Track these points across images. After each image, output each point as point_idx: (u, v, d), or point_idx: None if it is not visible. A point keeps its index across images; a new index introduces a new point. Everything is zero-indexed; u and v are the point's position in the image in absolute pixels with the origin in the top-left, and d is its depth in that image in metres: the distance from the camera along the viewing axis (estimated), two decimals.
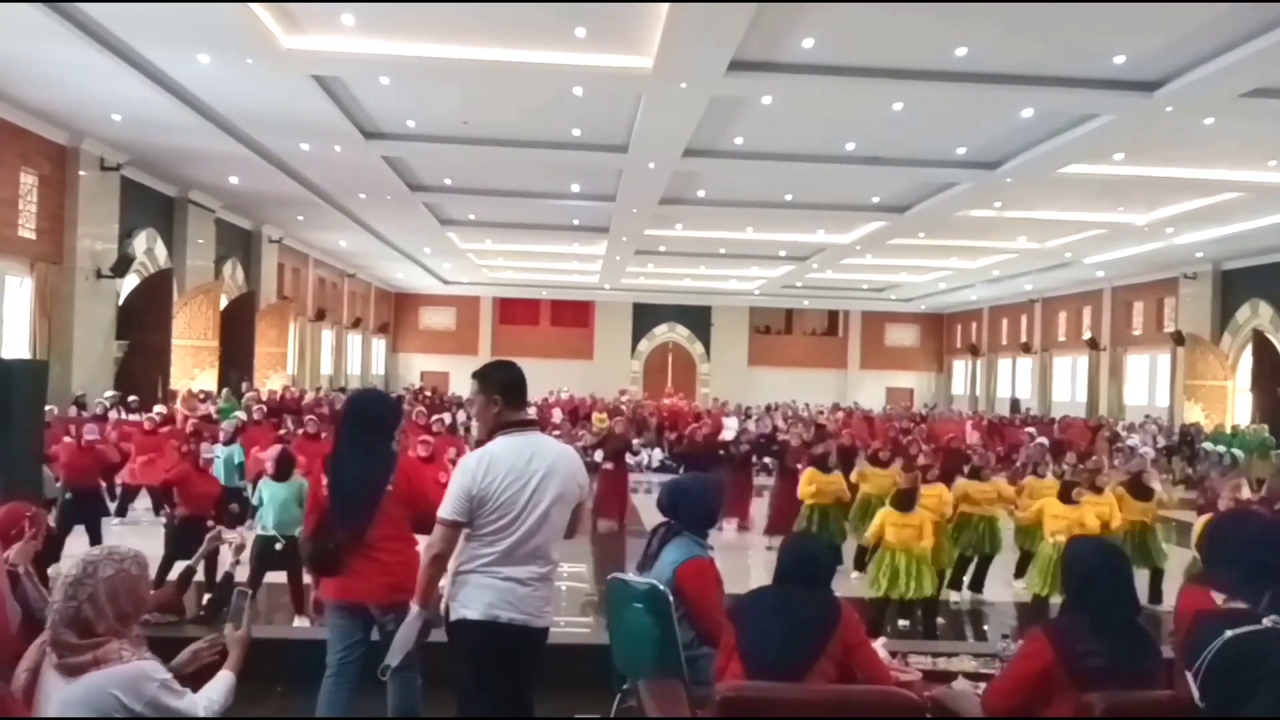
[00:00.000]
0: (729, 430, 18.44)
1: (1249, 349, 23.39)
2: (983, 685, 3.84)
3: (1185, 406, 23.76)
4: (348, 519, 4.15)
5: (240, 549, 7.39)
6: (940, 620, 8.17)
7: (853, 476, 10.46)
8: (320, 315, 28.50)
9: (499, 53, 11.33)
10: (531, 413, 4.10)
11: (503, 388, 3.75)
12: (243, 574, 7.53)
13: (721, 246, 25.74)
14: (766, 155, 15.79)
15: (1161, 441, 20.63)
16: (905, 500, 7.72)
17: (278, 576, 7.46)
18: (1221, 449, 13.99)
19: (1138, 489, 9.23)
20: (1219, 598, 2.75)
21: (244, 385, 19.12)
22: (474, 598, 3.55)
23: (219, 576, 7.29)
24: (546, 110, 13.74)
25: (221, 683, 2.96)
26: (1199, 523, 7.10)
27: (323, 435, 11.08)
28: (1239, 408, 23.28)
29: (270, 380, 22.94)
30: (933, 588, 7.64)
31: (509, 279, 34.90)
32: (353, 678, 4.25)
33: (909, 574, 7.44)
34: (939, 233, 22.16)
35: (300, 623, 7.27)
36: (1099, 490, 8.48)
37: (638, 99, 12.81)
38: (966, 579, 9.41)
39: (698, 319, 38.94)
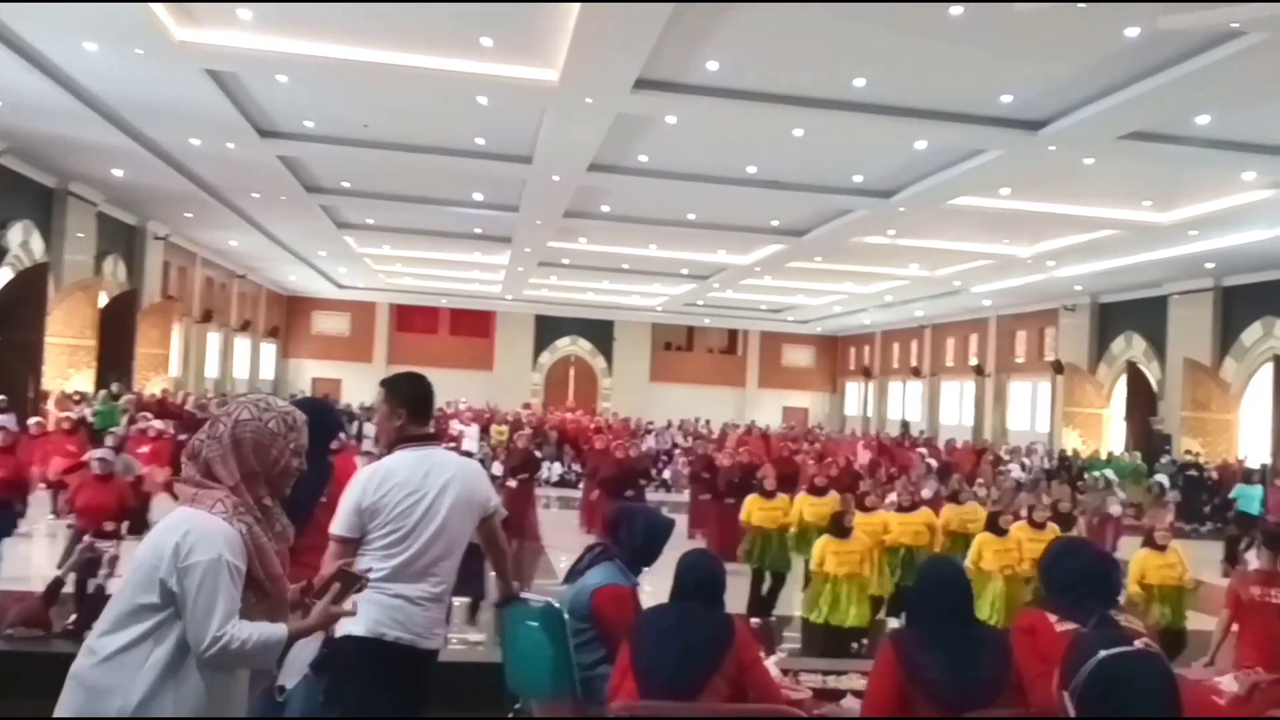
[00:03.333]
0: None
1: (1123, 379, 24.60)
2: None
3: (1064, 433, 24.80)
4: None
5: (114, 561, 7.11)
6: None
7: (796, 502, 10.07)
8: (207, 317, 27.51)
9: (403, 57, 11.15)
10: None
11: (410, 401, 3.68)
12: (115, 587, 7.26)
13: (625, 262, 25.84)
14: (670, 174, 15.92)
15: (1046, 464, 21.44)
16: (840, 527, 7.62)
17: None
18: (1100, 473, 14.76)
19: (1060, 518, 9.30)
20: (1053, 618, 2.97)
21: (115, 387, 18.29)
22: (360, 613, 3.43)
23: (90, 589, 7.00)
24: (450, 117, 13.59)
25: (269, 630, 2.39)
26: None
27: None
28: (1114, 435, 24.41)
29: (151, 383, 22.05)
30: (867, 617, 7.61)
31: (407, 285, 34.25)
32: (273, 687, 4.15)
33: (849, 600, 7.39)
34: (835, 257, 22.68)
35: None
36: (1039, 526, 8.31)
37: (543, 111, 12.78)
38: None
39: (600, 333, 38.94)
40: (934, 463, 15.10)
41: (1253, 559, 5.64)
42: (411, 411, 3.67)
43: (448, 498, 3.52)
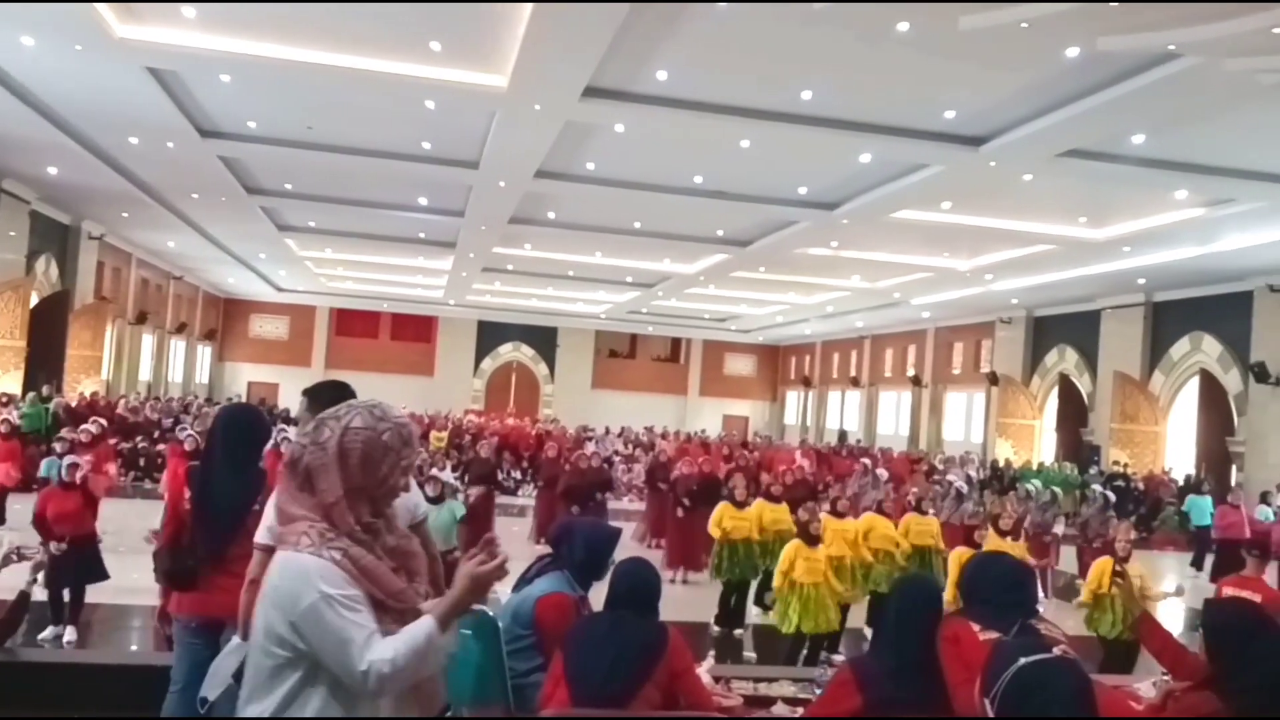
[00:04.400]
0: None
1: (1055, 391, 25.17)
2: (800, 710, 3.97)
3: (997, 443, 25.29)
4: (213, 536, 4.02)
5: (40, 566, 6.93)
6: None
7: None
8: (141, 318, 26.90)
9: (350, 60, 11.05)
10: None
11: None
12: (41, 593, 7.08)
13: (570, 269, 25.82)
14: (617, 182, 15.96)
15: (981, 475, 21.83)
16: (809, 535, 7.70)
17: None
18: (1036, 485, 15.20)
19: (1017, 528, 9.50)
20: (976, 627, 2.99)
21: (45, 389, 17.81)
22: None
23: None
24: (396, 121, 13.48)
25: (410, 634, 2.09)
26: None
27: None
28: (1045, 446, 24.96)
29: (82, 385, 21.53)
30: (837, 622, 7.69)
31: (348, 289, 33.88)
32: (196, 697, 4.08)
33: (819, 607, 7.44)
34: (778, 268, 22.90)
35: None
36: (1003, 533, 8.66)
37: (491, 117, 12.74)
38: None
39: (543, 339, 38.86)
40: (884, 473, 15.34)
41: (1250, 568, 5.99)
42: None
43: None
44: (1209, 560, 14.40)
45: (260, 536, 3.48)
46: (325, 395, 3.71)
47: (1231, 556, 13.49)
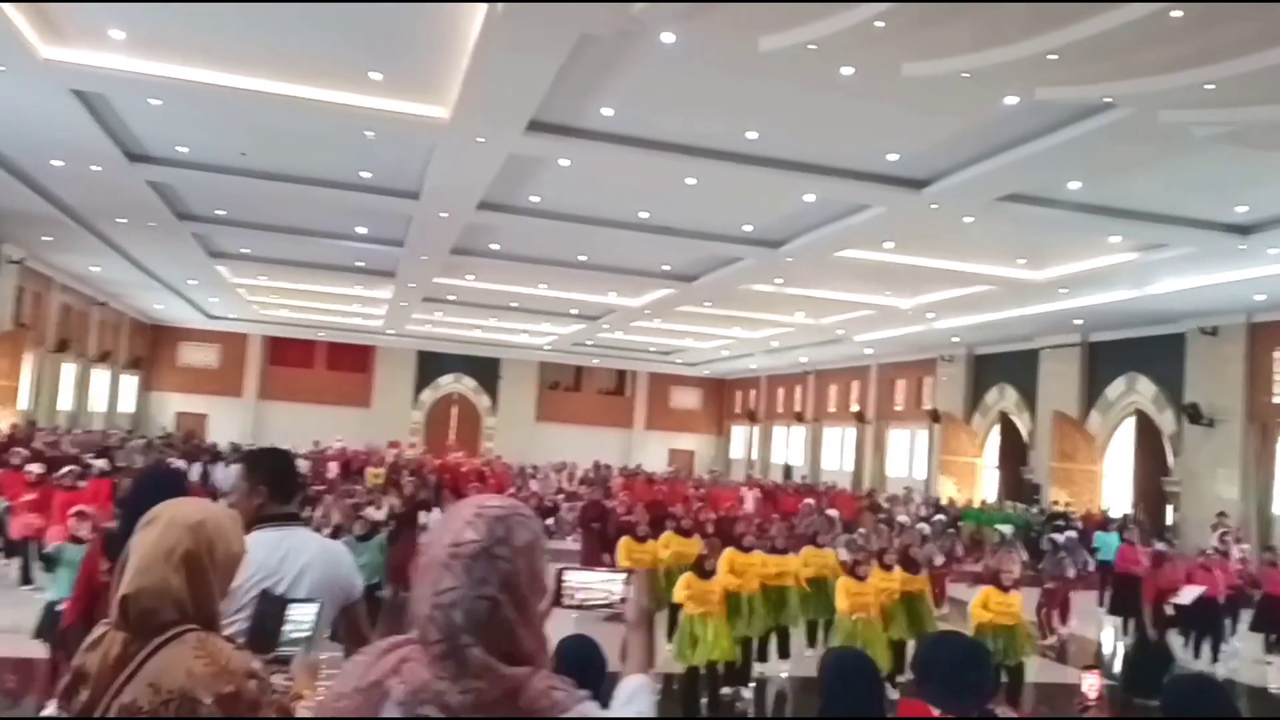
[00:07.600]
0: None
1: (997, 429, 25.41)
2: None
3: (940, 480, 25.42)
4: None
5: None
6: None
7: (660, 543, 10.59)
8: (63, 346, 25.80)
9: (287, 87, 10.73)
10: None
11: (271, 477, 3.41)
12: None
13: (514, 300, 25.49)
14: (562, 216, 15.76)
15: (924, 513, 21.85)
16: (701, 569, 8.00)
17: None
18: (1005, 530, 15.41)
19: (907, 562, 9.71)
20: (936, 712, 2.98)
21: None
22: None
23: None
24: (334, 149, 13.15)
25: (646, 694, 1.91)
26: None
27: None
28: (987, 483, 25.14)
29: None
30: (733, 652, 7.98)
31: (283, 318, 32.91)
32: None
33: (715, 636, 7.70)
34: (724, 303, 22.88)
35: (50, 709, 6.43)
36: (888, 567, 8.99)
37: (432, 148, 12.47)
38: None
39: (486, 371, 38.21)
40: (835, 513, 15.36)
41: None
42: (272, 489, 3.41)
43: (304, 583, 3.24)
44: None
45: None
46: (263, 462, 3.52)
47: (1126, 590, 13.71)
